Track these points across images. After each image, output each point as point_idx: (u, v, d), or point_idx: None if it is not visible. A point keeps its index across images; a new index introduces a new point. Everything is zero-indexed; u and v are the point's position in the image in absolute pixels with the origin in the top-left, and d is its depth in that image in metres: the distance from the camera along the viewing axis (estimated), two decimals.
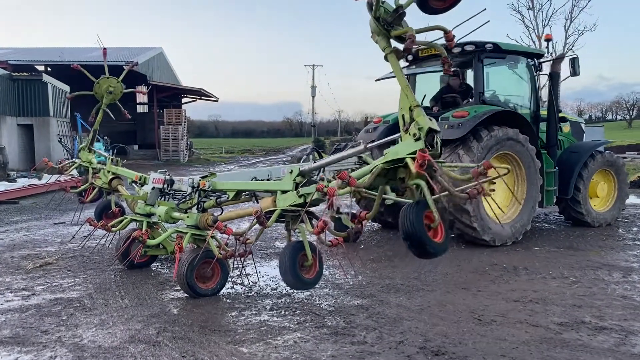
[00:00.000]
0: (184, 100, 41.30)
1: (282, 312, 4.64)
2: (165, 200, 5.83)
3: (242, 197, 5.58)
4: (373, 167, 3.84)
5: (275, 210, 4.61)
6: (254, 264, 5.95)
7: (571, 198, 8.38)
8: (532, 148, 7.47)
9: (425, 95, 8.68)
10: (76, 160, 8.09)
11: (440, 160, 3.74)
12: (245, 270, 5.73)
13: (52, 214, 10.83)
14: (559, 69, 8.38)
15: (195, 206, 5.30)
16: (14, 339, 4.08)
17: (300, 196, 4.47)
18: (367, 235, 8.24)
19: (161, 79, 37.46)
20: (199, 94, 38.53)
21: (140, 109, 41.88)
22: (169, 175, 5.78)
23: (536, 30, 31.04)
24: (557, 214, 9.35)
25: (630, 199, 9.90)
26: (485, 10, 7.54)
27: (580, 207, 8.40)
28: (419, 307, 4.74)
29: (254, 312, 4.65)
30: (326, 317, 4.51)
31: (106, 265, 6.36)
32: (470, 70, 8.41)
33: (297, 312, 4.64)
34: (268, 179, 6.00)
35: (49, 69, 33.58)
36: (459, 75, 8.51)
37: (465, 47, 7.51)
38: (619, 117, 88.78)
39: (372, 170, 3.81)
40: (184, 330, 4.22)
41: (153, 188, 5.79)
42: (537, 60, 8.34)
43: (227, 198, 5.41)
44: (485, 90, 7.68)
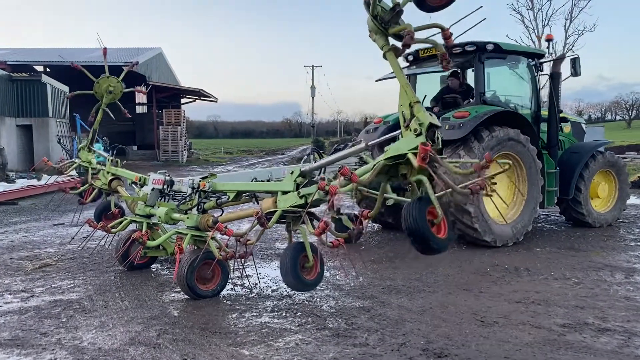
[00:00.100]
0: (183, 100, 41.27)
1: (283, 314, 4.62)
2: (165, 201, 5.80)
3: (243, 198, 5.56)
4: (375, 164, 3.81)
5: (276, 211, 4.59)
6: (255, 265, 5.92)
7: (572, 199, 8.37)
8: (533, 148, 7.46)
9: (426, 95, 8.65)
10: (75, 160, 8.05)
11: (442, 156, 3.72)
12: (245, 272, 5.70)
13: (51, 215, 10.80)
14: (559, 69, 8.37)
15: (196, 207, 5.27)
16: (13, 341, 4.05)
17: (301, 197, 4.45)
18: (367, 236, 8.21)
19: (160, 80, 37.44)
20: (198, 94, 38.52)
21: (140, 109, 41.79)
22: (168, 176, 5.73)
23: (536, 31, 31.03)
24: (558, 214, 9.34)
25: (630, 199, 9.88)
26: (482, 7, 7.53)
27: (581, 208, 8.39)
28: (421, 309, 4.72)
29: (254, 314, 4.62)
30: (327, 318, 4.48)
31: (106, 267, 6.33)
32: (470, 70, 8.39)
33: (298, 314, 4.61)
34: (268, 180, 5.98)
35: (48, 69, 33.48)
36: (459, 76, 8.49)
37: (466, 47, 7.49)
38: (618, 118, 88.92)
39: (373, 167, 3.79)
40: (185, 332, 4.19)
41: (153, 189, 5.75)
42: (537, 61, 8.33)
43: (228, 199, 5.39)
44: (486, 90, 7.67)
